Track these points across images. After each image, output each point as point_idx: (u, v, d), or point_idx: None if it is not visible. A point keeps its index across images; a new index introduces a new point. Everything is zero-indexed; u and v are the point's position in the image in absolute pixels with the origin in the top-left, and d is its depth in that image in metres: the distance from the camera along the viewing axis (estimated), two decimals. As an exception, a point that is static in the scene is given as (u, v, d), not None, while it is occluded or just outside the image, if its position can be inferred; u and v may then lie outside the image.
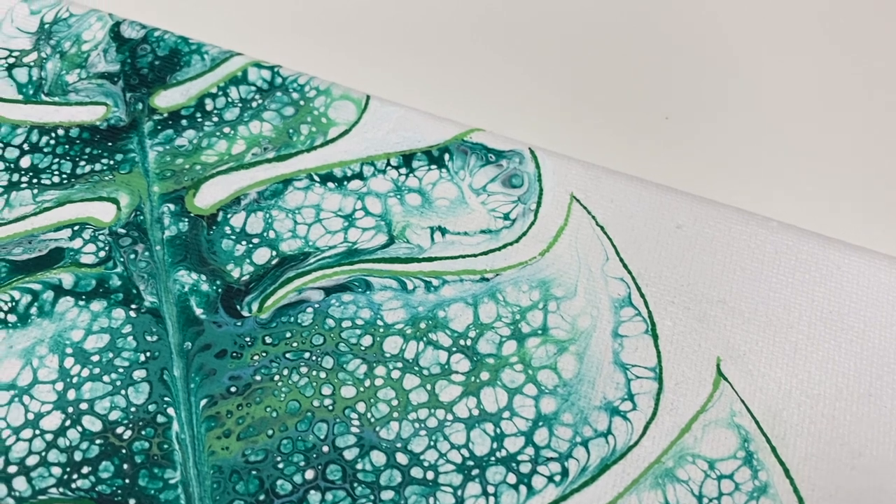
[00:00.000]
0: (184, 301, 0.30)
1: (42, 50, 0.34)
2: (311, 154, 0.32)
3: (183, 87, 0.33)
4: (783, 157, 0.34)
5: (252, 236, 0.31)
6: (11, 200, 0.31)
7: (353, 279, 0.30)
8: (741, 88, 0.37)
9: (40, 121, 0.33)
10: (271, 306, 0.30)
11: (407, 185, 0.32)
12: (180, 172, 0.32)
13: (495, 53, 0.36)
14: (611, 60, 0.37)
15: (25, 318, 0.29)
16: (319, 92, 0.33)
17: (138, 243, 0.31)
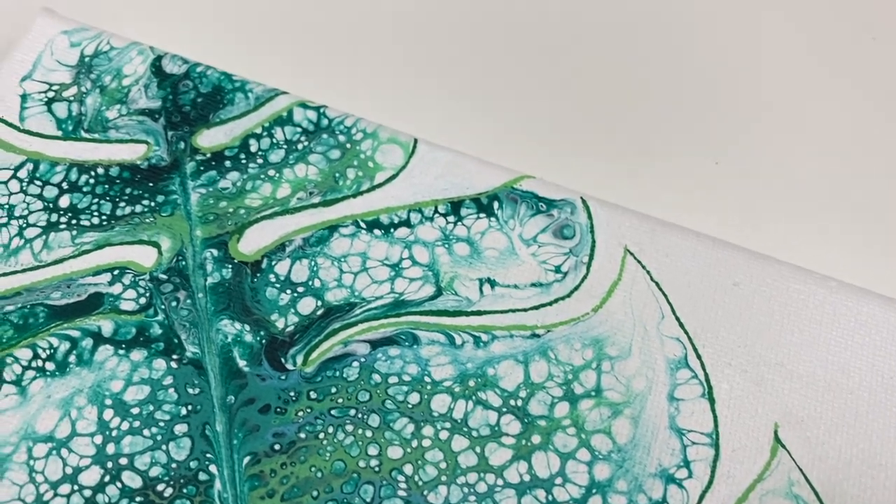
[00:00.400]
0: (227, 352, 0.29)
1: (82, 84, 0.33)
2: (357, 199, 0.31)
3: (226, 127, 0.33)
4: (843, 211, 0.34)
5: (297, 285, 0.30)
6: (50, 242, 0.31)
7: (400, 332, 0.29)
8: (800, 133, 0.36)
9: (79, 158, 0.32)
10: (316, 359, 0.29)
11: (455, 233, 0.31)
12: (224, 216, 0.31)
13: (546, 98, 0.35)
14: (660, 105, 0.36)
15: (64, 367, 0.29)
16: (366, 135, 0.32)
17: (180, 290, 0.30)
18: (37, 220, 0.31)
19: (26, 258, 0.30)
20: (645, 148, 0.35)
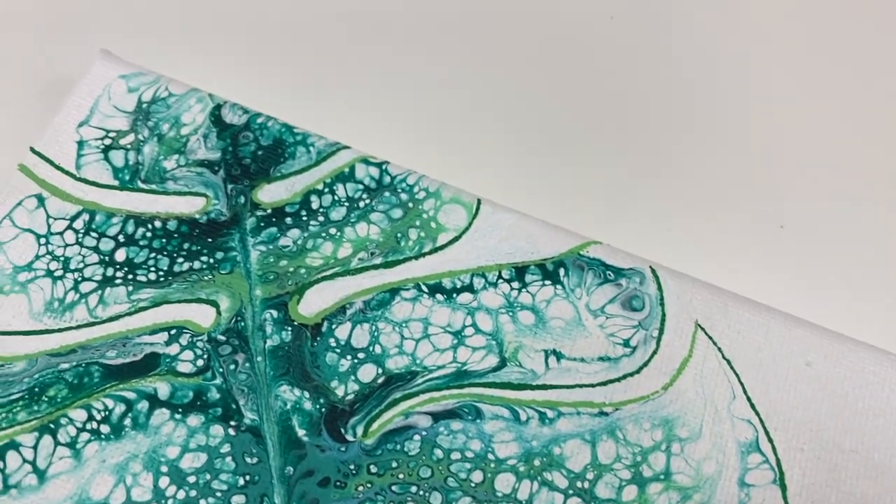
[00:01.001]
0: (285, 420, 0.28)
1: (140, 132, 0.33)
2: (419, 261, 0.31)
3: (287, 182, 0.32)
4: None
5: (357, 350, 0.29)
6: (106, 297, 0.30)
7: (463, 405, 0.29)
8: (872, 198, 0.35)
9: (136, 210, 0.31)
10: (377, 431, 0.28)
11: (520, 301, 0.30)
12: (284, 276, 0.30)
13: (613, 161, 0.34)
14: (727, 169, 0.35)
15: (119, 430, 0.28)
16: (429, 194, 0.32)
17: (238, 353, 0.29)
18: (92, 274, 0.30)
19: (81, 314, 0.30)
20: (711, 213, 0.34)
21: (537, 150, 0.35)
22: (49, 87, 0.36)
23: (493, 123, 0.35)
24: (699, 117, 0.35)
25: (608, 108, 0.36)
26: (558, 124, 0.35)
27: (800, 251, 0.34)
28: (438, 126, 0.35)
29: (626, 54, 0.36)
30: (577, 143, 0.35)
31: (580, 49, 0.37)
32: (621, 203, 0.33)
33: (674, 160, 0.35)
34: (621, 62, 0.36)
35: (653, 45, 0.36)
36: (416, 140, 0.35)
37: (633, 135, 0.35)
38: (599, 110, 0.36)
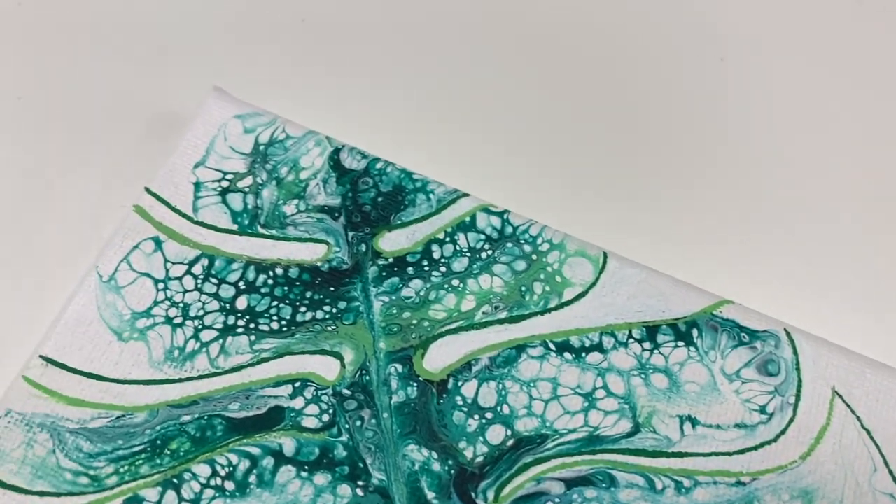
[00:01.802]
0: (414, 481, 0.27)
1: (258, 175, 0.32)
2: (545, 317, 0.30)
3: (408, 230, 0.31)
4: None
5: (485, 410, 0.28)
6: (227, 347, 0.29)
7: (597, 472, 0.28)
8: None
9: (257, 256, 0.31)
10: (508, 496, 0.27)
11: (652, 363, 0.29)
12: (407, 328, 0.30)
13: (741, 217, 0.33)
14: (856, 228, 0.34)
15: (244, 488, 0.27)
16: (553, 245, 0.31)
17: (364, 408, 0.28)
18: (213, 322, 0.30)
19: (203, 364, 0.29)
20: (838, 270, 0.33)
21: (665, 203, 0.34)
22: (158, 123, 0.36)
23: (613, 174, 0.34)
24: (837, 187, 0.34)
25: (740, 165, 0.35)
26: (682, 179, 0.34)
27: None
28: (556, 172, 0.35)
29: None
30: (705, 198, 0.34)
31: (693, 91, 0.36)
32: (754, 262, 0.32)
33: (801, 217, 0.34)
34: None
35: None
36: (532, 185, 0.34)
37: (765, 194, 0.34)
38: (729, 165, 0.35)
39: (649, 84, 0.37)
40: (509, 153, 0.35)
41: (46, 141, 0.36)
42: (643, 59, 0.37)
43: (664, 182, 0.35)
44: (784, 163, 0.35)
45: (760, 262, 0.33)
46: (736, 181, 0.35)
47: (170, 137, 0.34)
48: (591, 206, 0.33)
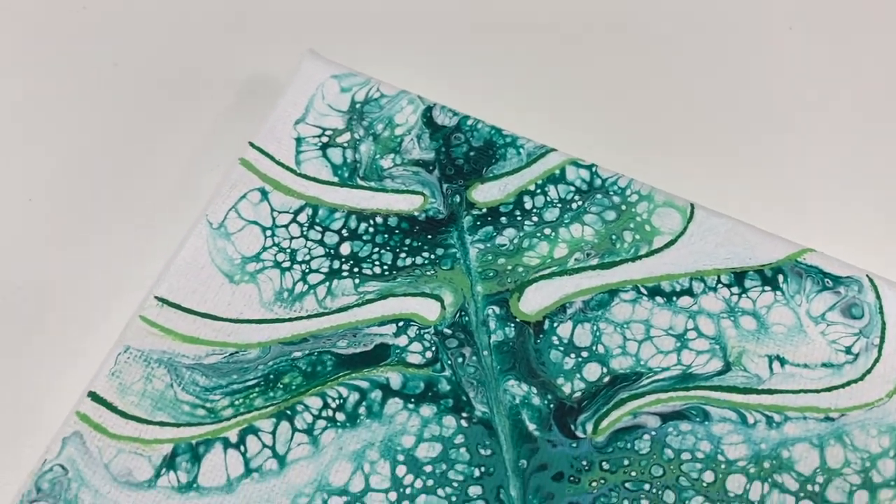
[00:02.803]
0: (516, 414, 0.29)
1: (355, 131, 0.34)
2: (635, 263, 0.31)
3: (500, 182, 0.33)
4: None
5: (580, 349, 0.30)
6: (333, 289, 0.31)
7: (691, 407, 0.29)
8: None
9: (357, 206, 0.32)
10: (606, 429, 0.29)
11: (740, 306, 0.30)
12: (503, 273, 0.31)
13: (823, 166, 0.35)
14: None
15: (354, 419, 0.29)
16: (641, 197, 0.32)
17: (465, 346, 0.30)
18: (319, 266, 0.31)
19: (311, 304, 0.31)
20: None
21: (745, 155, 0.35)
22: (257, 85, 0.38)
23: (699, 130, 0.36)
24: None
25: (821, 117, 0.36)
26: (766, 130, 0.36)
27: None
28: (641, 127, 0.36)
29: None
30: (784, 149, 0.35)
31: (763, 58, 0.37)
32: (835, 211, 0.34)
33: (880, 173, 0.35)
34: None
35: None
36: (620, 143, 0.35)
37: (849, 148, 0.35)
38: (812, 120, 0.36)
39: (728, 46, 0.38)
40: (594, 110, 0.37)
41: (154, 103, 0.37)
42: (719, 20, 0.38)
43: (746, 137, 0.36)
44: (858, 119, 0.36)
45: (840, 213, 0.34)
46: (815, 138, 0.36)
47: (269, 98, 0.35)
48: (676, 161, 0.35)
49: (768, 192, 0.34)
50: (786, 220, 0.32)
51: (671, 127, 0.36)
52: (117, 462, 0.28)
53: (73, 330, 0.33)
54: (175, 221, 0.33)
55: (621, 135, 0.36)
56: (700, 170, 0.34)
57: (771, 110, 0.36)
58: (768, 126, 0.36)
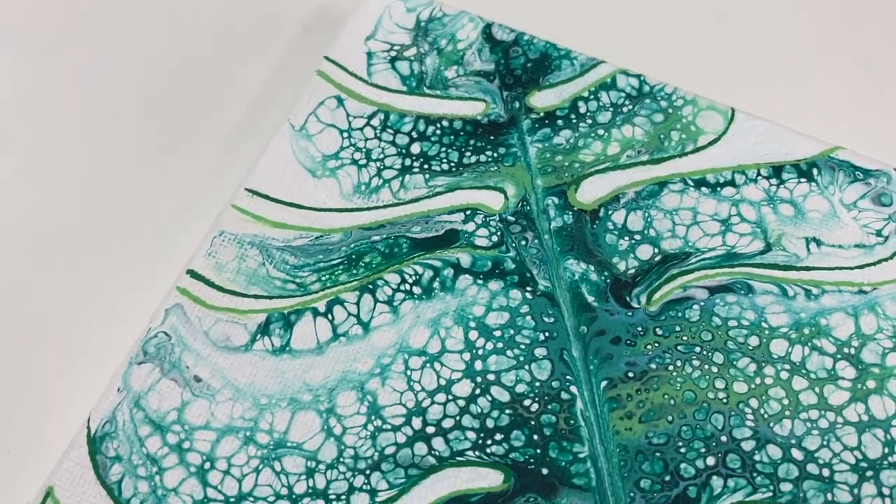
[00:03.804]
0: (575, 288, 0.32)
1: (420, 46, 0.37)
2: (683, 159, 0.34)
3: (556, 90, 0.36)
4: None
5: (633, 233, 0.33)
6: (406, 183, 0.34)
7: (736, 282, 0.32)
8: None
9: (425, 112, 0.35)
10: (659, 300, 0.31)
11: (779, 195, 0.33)
12: (560, 169, 0.34)
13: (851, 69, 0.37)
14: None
15: (429, 292, 0.32)
16: (686, 101, 0.35)
17: (527, 231, 0.33)
18: (392, 164, 0.34)
19: (386, 196, 0.34)
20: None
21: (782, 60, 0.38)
22: (322, 17, 0.41)
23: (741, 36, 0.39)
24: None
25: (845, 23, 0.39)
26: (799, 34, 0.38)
27: None
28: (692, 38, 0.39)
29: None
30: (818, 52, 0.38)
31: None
32: (862, 110, 0.37)
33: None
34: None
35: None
36: (668, 56, 0.38)
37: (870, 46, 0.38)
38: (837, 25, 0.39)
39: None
40: (641, 22, 0.40)
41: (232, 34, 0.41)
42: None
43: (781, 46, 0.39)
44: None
45: (868, 115, 0.37)
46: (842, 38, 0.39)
47: (338, 21, 0.39)
48: (716, 70, 0.38)
49: (800, 98, 0.37)
50: (818, 124, 0.35)
51: (711, 39, 0.39)
52: (216, 329, 0.31)
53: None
54: (265, 124, 0.37)
55: (667, 48, 0.39)
56: (738, 80, 0.37)
57: (796, 13, 0.39)
58: (797, 33, 0.39)
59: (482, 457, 0.29)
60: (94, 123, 0.38)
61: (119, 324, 0.32)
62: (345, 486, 0.29)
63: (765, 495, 0.28)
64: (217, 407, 0.30)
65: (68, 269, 0.35)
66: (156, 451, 0.29)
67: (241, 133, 0.38)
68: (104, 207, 0.36)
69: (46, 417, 0.32)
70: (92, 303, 0.34)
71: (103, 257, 0.35)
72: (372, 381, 0.30)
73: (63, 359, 0.33)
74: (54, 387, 0.33)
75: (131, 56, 0.40)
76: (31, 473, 0.30)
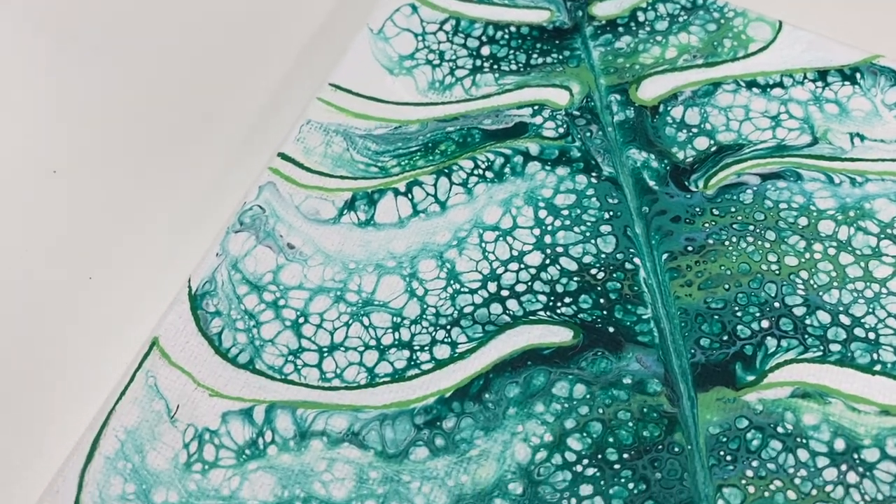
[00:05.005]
0: (637, 174, 0.34)
1: (489, -39, 0.39)
2: (735, 63, 0.37)
3: (616, 1, 0.38)
4: None
5: (691, 126, 0.35)
6: (477, 81, 0.37)
7: (785, 170, 0.34)
8: None
9: (493, 18, 0.38)
10: (715, 185, 0.34)
11: (824, 96, 0.36)
12: (622, 70, 0.37)
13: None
14: None
15: (501, 176, 0.34)
16: (737, 13, 0.38)
17: (592, 124, 0.35)
18: (464, 64, 0.37)
19: (459, 92, 0.37)
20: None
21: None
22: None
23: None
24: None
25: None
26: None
27: None
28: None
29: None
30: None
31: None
32: None
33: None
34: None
35: None
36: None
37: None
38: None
39: None
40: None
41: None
42: None
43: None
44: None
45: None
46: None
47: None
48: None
49: (843, 11, 0.40)
50: (860, 37, 0.38)
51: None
52: (306, 204, 0.34)
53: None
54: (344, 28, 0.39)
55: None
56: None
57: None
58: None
59: (552, 316, 0.32)
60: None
61: (216, 198, 0.35)
62: (427, 339, 0.31)
63: (815, 354, 0.31)
64: (309, 270, 0.33)
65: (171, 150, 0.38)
66: (253, 308, 0.32)
67: (325, 35, 0.40)
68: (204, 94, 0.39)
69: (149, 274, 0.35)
70: (192, 181, 0.37)
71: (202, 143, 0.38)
72: (450, 251, 0.33)
73: (167, 225, 0.36)
74: (160, 246, 0.35)
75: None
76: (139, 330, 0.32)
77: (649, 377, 0.30)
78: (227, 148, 0.37)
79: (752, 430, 0.29)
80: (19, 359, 0.33)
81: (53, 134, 0.39)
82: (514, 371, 0.30)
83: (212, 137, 0.38)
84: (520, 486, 0.28)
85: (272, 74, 0.39)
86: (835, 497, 0.28)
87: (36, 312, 0.34)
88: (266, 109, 0.38)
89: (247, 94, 0.39)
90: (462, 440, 0.29)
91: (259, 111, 0.38)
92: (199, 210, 0.36)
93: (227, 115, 0.38)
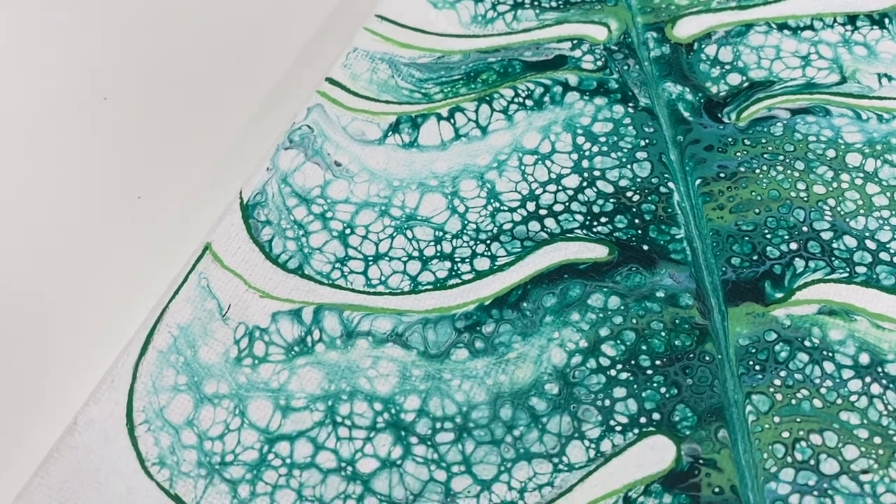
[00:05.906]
0: (672, 105, 0.36)
1: None
2: (767, 7, 0.38)
3: (653, -54, 0.40)
4: None
5: (724, 63, 0.37)
6: (518, 16, 0.38)
7: (815, 106, 0.36)
8: None
9: (534, -41, 0.39)
10: (747, 118, 0.35)
11: (853, 39, 0.37)
12: (658, 9, 0.38)
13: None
14: None
15: (540, 104, 0.36)
16: (770, -40, 0.39)
17: (629, 59, 0.37)
18: (505, 0, 0.39)
19: (500, 26, 0.38)
20: None
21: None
22: None
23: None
24: None
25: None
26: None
27: None
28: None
29: None
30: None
31: None
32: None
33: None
34: None
35: None
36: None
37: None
38: None
39: None
40: None
41: None
42: None
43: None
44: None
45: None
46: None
47: None
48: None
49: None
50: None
51: None
52: (352, 126, 0.35)
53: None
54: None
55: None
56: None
57: None
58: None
59: (589, 234, 0.33)
60: None
61: (267, 119, 0.37)
62: (468, 251, 0.33)
63: (841, 275, 0.32)
64: (355, 186, 0.34)
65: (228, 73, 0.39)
66: (302, 218, 0.33)
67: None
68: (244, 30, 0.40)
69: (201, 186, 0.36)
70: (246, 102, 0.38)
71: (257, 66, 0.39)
72: (490, 173, 0.34)
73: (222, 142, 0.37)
74: (215, 162, 0.37)
75: None
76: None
77: (682, 292, 0.31)
78: (278, 72, 0.39)
79: (780, 342, 0.30)
80: (82, 263, 0.34)
81: (108, 61, 0.40)
82: (551, 283, 0.32)
83: (266, 61, 0.39)
84: (556, 387, 0.30)
85: (322, 4, 0.41)
86: (859, 406, 0.29)
87: (98, 221, 0.35)
88: (316, 36, 0.40)
89: (300, 21, 0.40)
90: (501, 343, 0.30)
91: (311, 37, 0.40)
92: (250, 129, 0.37)
93: (280, 40, 0.40)
